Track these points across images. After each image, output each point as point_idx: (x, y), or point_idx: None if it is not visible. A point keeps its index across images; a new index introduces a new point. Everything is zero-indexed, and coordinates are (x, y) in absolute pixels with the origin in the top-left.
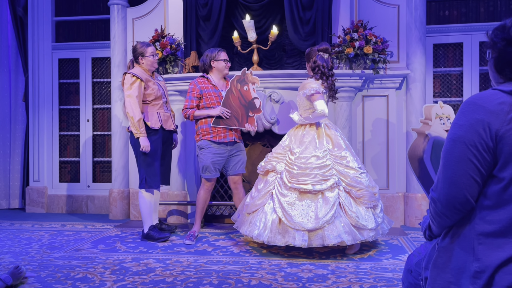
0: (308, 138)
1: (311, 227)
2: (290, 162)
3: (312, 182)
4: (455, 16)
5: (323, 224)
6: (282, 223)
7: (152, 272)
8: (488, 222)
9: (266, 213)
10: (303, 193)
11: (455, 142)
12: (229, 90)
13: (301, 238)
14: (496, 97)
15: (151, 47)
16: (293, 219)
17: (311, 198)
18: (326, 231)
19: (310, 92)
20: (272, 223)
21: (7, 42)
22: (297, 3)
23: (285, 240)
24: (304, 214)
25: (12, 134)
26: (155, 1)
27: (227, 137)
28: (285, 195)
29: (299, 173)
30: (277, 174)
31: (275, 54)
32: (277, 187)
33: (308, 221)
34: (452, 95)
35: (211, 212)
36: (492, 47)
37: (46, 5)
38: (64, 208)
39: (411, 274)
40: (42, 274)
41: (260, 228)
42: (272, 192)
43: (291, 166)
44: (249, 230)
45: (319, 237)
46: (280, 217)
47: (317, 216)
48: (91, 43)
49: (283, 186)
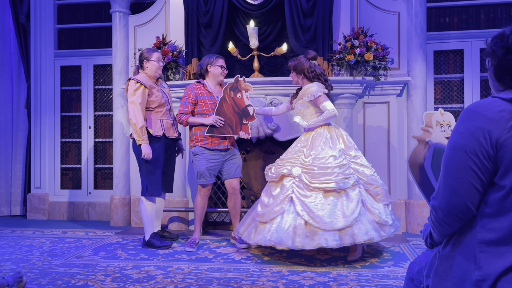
0: (322, 139)
1: (341, 226)
2: (308, 164)
3: (336, 180)
4: (455, 23)
5: (352, 222)
6: (309, 225)
7: (153, 280)
8: (489, 230)
9: (287, 219)
10: (327, 192)
11: (456, 150)
12: (223, 98)
13: (332, 238)
14: (496, 104)
15: (157, 52)
16: (322, 219)
17: (336, 197)
18: (355, 229)
19: (317, 94)
20: (297, 228)
21: (9, 49)
22: (298, 10)
23: (315, 243)
24: (332, 214)
25: (14, 141)
26: (157, 8)
27: (220, 144)
28: (309, 196)
29: (321, 173)
30: (294, 178)
31: (276, 61)
32: (296, 191)
33: (337, 220)
34: (453, 102)
35: (212, 219)
36: (492, 55)
37: (48, 13)
38: (65, 215)
39: (412, 282)
40: (43, 281)
41: (283, 235)
42: (291, 196)
43: (309, 168)
44: (267, 239)
45: (349, 235)
46: (307, 220)
47: (345, 214)
48: (93, 51)
49: (305, 188)
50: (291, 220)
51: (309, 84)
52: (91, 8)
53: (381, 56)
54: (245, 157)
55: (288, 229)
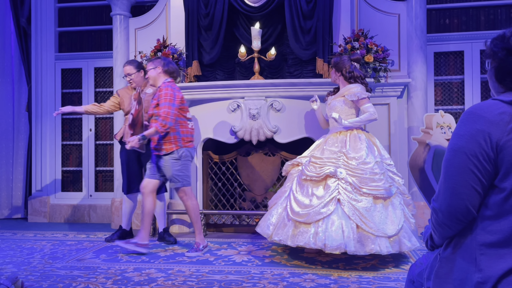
0: (363, 144)
1: (392, 233)
2: (353, 168)
3: (385, 187)
4: (455, 25)
5: (399, 230)
6: (361, 230)
7: (154, 282)
8: (489, 232)
9: (336, 222)
10: (377, 198)
11: (456, 152)
12: None
13: (385, 245)
14: (496, 107)
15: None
16: (377, 225)
17: (383, 204)
18: (401, 237)
19: (361, 95)
20: (350, 232)
21: (10, 53)
22: (298, 12)
23: (368, 249)
24: (383, 220)
25: (15, 144)
26: (157, 11)
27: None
28: (359, 201)
29: (370, 178)
30: (339, 180)
31: (276, 63)
32: (344, 193)
33: (387, 227)
34: (453, 103)
35: (213, 221)
36: (492, 57)
37: (49, 16)
38: (66, 218)
39: (413, 285)
40: (44, 284)
41: (334, 239)
42: (338, 198)
43: (356, 172)
44: (312, 242)
45: (397, 243)
46: (359, 225)
47: (393, 221)
48: (94, 53)
49: (355, 192)
50: (342, 223)
51: (353, 84)
52: (91, 11)
53: (381, 58)
54: (246, 159)
55: (340, 233)
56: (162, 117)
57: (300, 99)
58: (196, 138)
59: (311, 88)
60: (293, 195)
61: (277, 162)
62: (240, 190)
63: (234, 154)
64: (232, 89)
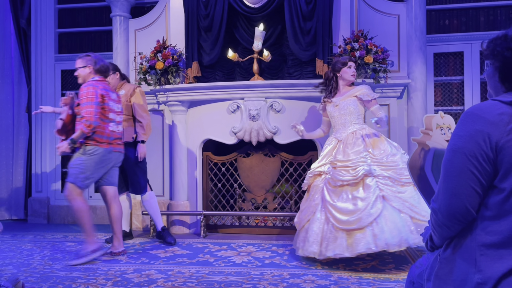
0: (381, 137)
1: None
2: (384, 161)
3: None
4: (455, 25)
5: None
6: (416, 220)
7: (154, 284)
8: (489, 233)
9: (389, 217)
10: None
11: (455, 153)
12: None
13: None
14: (496, 107)
15: None
16: (427, 212)
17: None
18: None
19: (374, 96)
20: (406, 224)
21: (10, 54)
22: (297, 13)
23: None
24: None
25: (15, 145)
26: (157, 12)
27: None
28: (403, 192)
29: (403, 168)
30: (375, 177)
31: (276, 64)
32: (387, 188)
33: None
34: (453, 104)
35: (213, 222)
36: (495, 57)
37: (49, 17)
38: (66, 219)
39: (413, 286)
40: (44, 285)
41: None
42: (382, 195)
43: (389, 165)
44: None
45: None
46: (412, 215)
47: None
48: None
49: (397, 184)
50: (395, 219)
51: (361, 86)
52: (91, 12)
53: (381, 58)
54: (246, 160)
55: (396, 229)
56: (86, 117)
57: (300, 100)
58: (196, 139)
59: (311, 89)
60: (330, 205)
61: (277, 163)
62: (240, 191)
63: (234, 155)
64: (232, 90)
